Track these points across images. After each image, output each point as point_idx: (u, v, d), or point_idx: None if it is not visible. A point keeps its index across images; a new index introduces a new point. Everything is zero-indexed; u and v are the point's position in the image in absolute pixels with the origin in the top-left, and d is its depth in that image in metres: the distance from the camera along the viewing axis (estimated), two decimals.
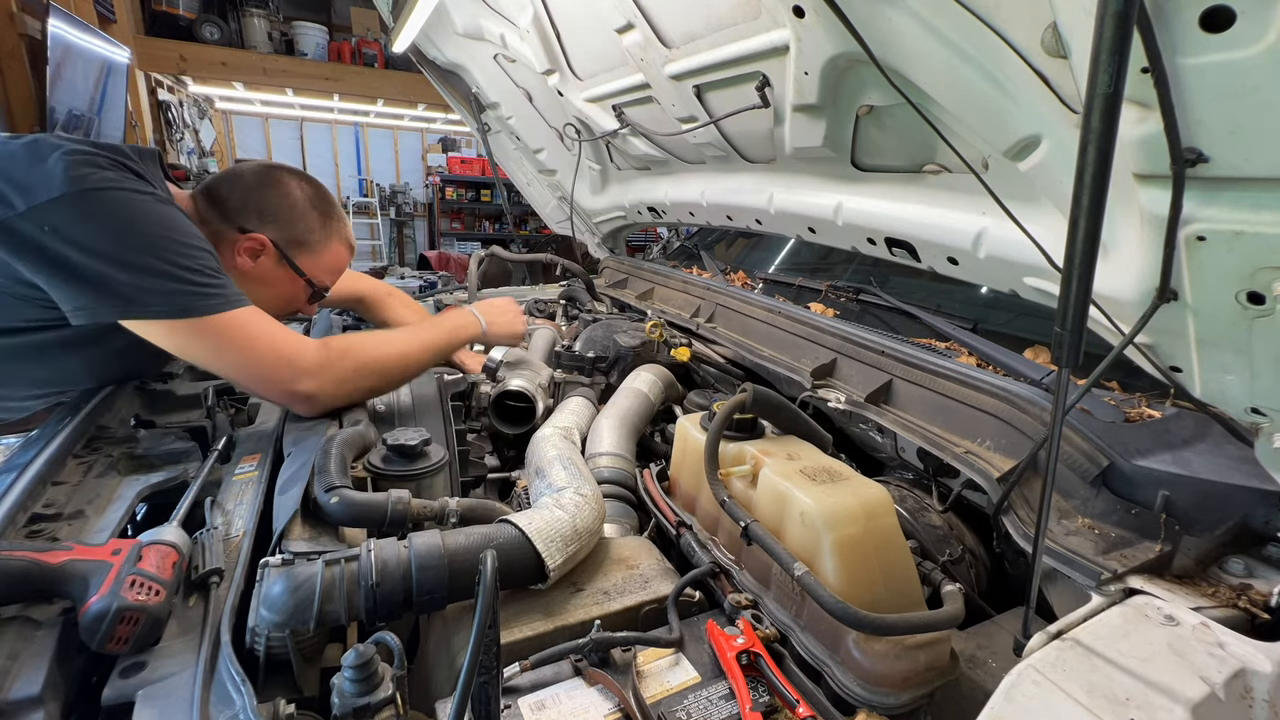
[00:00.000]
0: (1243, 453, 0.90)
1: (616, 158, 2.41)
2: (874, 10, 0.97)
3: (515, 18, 1.98)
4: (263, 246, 1.31)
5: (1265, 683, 0.66)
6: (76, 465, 1.05)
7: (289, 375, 1.15)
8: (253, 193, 1.31)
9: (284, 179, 1.35)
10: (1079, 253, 0.61)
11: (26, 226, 0.99)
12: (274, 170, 1.36)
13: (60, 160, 1.04)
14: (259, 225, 1.31)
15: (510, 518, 0.91)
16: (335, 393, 1.21)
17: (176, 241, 1.08)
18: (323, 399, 1.20)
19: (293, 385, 1.15)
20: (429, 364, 1.36)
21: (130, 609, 0.71)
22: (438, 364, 1.37)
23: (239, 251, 1.29)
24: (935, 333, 1.47)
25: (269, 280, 1.34)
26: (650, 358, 1.74)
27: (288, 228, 1.34)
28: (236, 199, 1.30)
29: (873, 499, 0.85)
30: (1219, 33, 0.56)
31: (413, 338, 1.35)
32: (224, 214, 1.29)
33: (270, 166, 1.37)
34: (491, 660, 0.57)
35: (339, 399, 1.23)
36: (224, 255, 1.25)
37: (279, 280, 1.36)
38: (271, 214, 1.32)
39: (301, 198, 1.36)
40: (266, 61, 6.29)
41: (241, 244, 1.29)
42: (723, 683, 0.78)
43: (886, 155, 1.38)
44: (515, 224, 9.17)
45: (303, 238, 1.36)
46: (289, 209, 1.34)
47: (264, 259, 1.32)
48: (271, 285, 1.35)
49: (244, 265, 1.31)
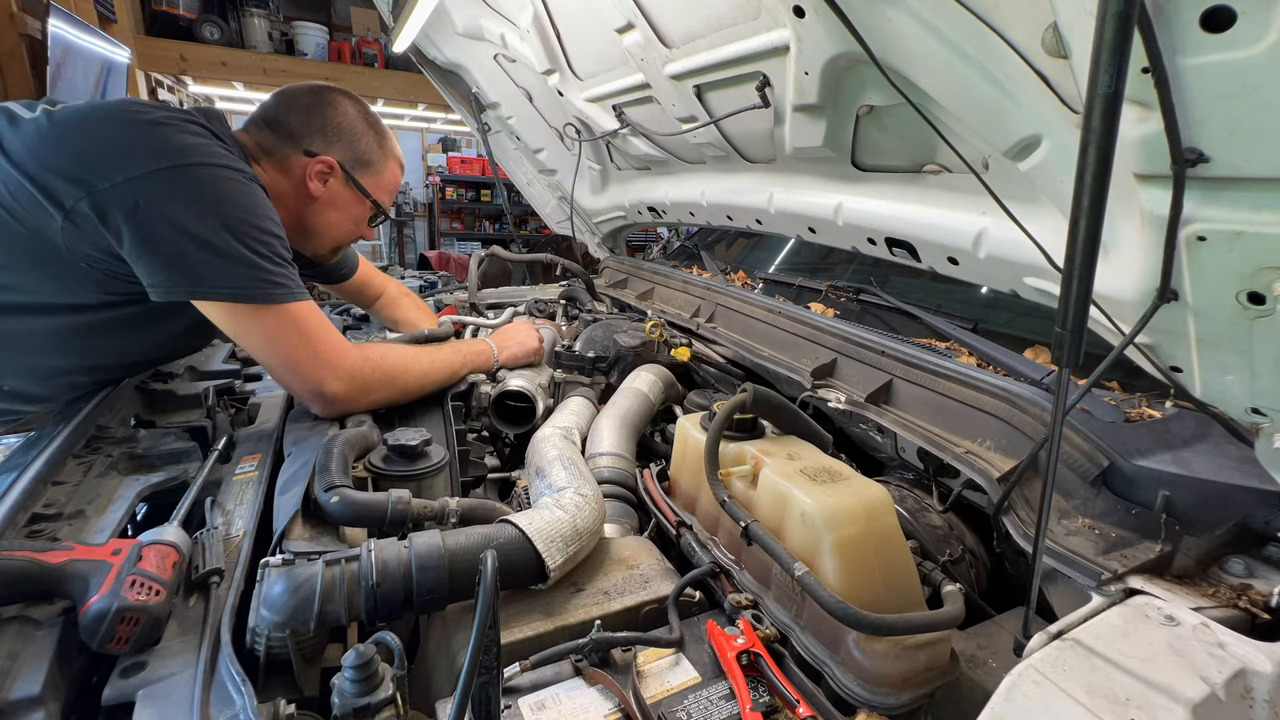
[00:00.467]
0: (1243, 453, 0.90)
1: (616, 158, 2.41)
2: (874, 10, 0.97)
3: (515, 18, 1.98)
4: (331, 169, 1.32)
5: (1265, 683, 0.66)
6: (76, 465, 1.05)
7: (324, 374, 1.17)
8: (313, 114, 1.32)
9: (337, 98, 1.36)
10: (1079, 253, 0.61)
11: (118, 199, 1.01)
12: (326, 90, 1.36)
13: (153, 131, 1.06)
14: (324, 147, 1.32)
15: (510, 518, 0.91)
16: (357, 399, 1.23)
17: (254, 226, 1.09)
18: (343, 403, 1.21)
19: (322, 384, 1.17)
20: (441, 385, 1.39)
21: (130, 609, 0.71)
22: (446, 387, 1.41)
23: (310, 176, 1.31)
24: (935, 333, 1.47)
25: (338, 203, 1.36)
26: (650, 358, 1.74)
27: (351, 148, 1.35)
28: (298, 121, 1.30)
29: (873, 499, 0.85)
30: (1219, 33, 0.56)
31: (434, 358, 1.38)
32: (289, 137, 1.30)
33: (322, 86, 1.37)
34: (492, 660, 0.57)
35: (358, 406, 1.24)
36: (293, 182, 1.30)
37: (347, 202, 1.38)
38: (335, 134, 1.33)
39: (357, 116, 1.37)
40: (267, 61, 6.29)
41: (312, 168, 1.30)
42: (723, 683, 0.78)
43: (887, 155, 1.38)
44: (515, 224, 9.16)
45: (365, 157, 1.37)
46: (349, 129, 1.35)
47: (332, 181, 1.34)
48: (340, 208, 1.38)
49: (316, 190, 1.32)
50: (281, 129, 1.30)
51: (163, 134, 1.06)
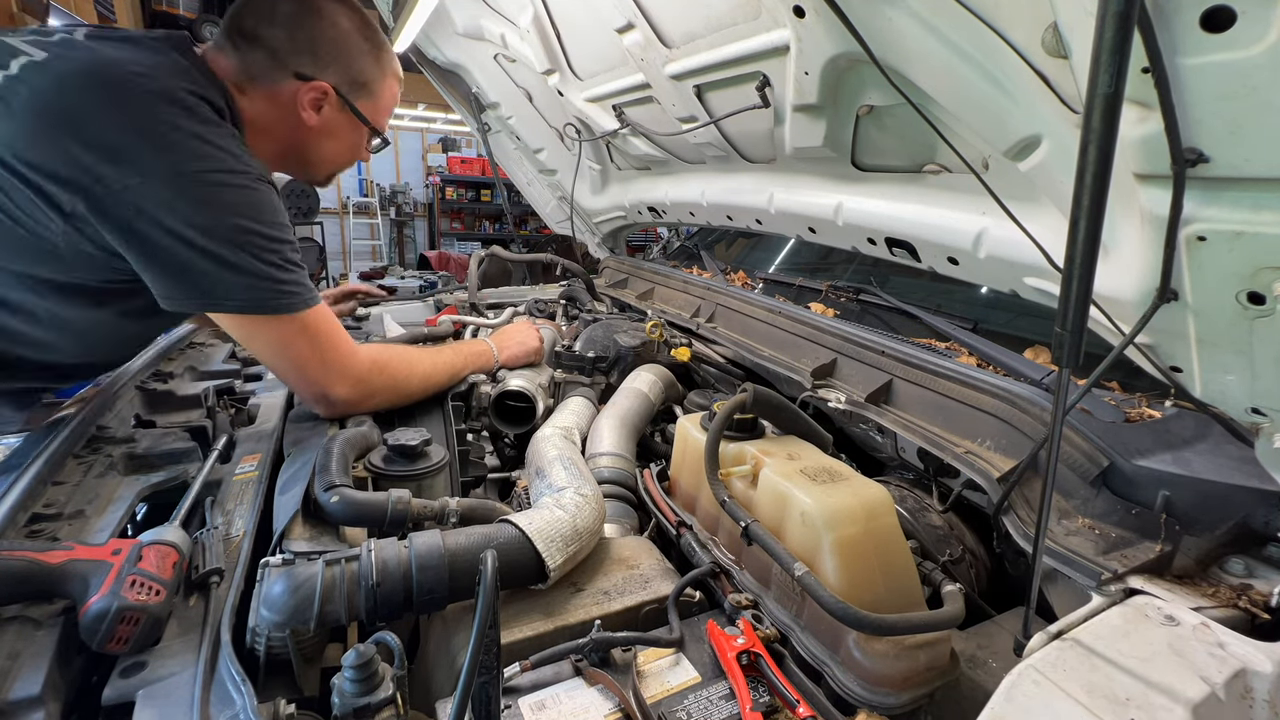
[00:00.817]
0: (1243, 453, 0.90)
1: (616, 158, 2.41)
2: (874, 10, 0.97)
3: (515, 18, 1.98)
4: (325, 95, 1.19)
5: (1265, 683, 0.66)
6: (76, 465, 1.05)
7: (331, 379, 1.16)
8: (300, 27, 1.15)
9: (324, 4, 1.18)
10: (1079, 253, 0.61)
11: (119, 205, 0.95)
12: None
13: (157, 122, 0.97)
14: (316, 69, 1.17)
15: (510, 518, 0.91)
16: (361, 402, 1.23)
17: (262, 235, 1.04)
18: (347, 406, 1.21)
19: (328, 389, 1.16)
20: (443, 387, 1.38)
21: (131, 609, 0.71)
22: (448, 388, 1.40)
23: (303, 105, 1.17)
24: (935, 333, 1.47)
25: (334, 131, 1.24)
26: (650, 358, 1.74)
27: (346, 69, 1.20)
28: (281, 36, 1.14)
29: (873, 499, 0.85)
30: (1219, 33, 0.56)
31: (436, 360, 1.37)
32: (273, 56, 1.14)
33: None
34: (492, 660, 0.57)
35: (361, 409, 1.24)
36: (283, 109, 1.17)
37: (342, 129, 1.25)
38: (327, 53, 1.17)
39: (350, 27, 1.20)
40: None
41: (304, 95, 1.17)
42: (723, 683, 0.78)
43: (887, 155, 1.38)
44: (515, 224, 9.16)
45: (361, 78, 1.23)
46: (343, 45, 1.19)
47: (327, 108, 1.21)
48: (336, 136, 1.26)
49: (310, 119, 1.19)
50: (263, 44, 1.13)
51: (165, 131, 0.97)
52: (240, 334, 1.11)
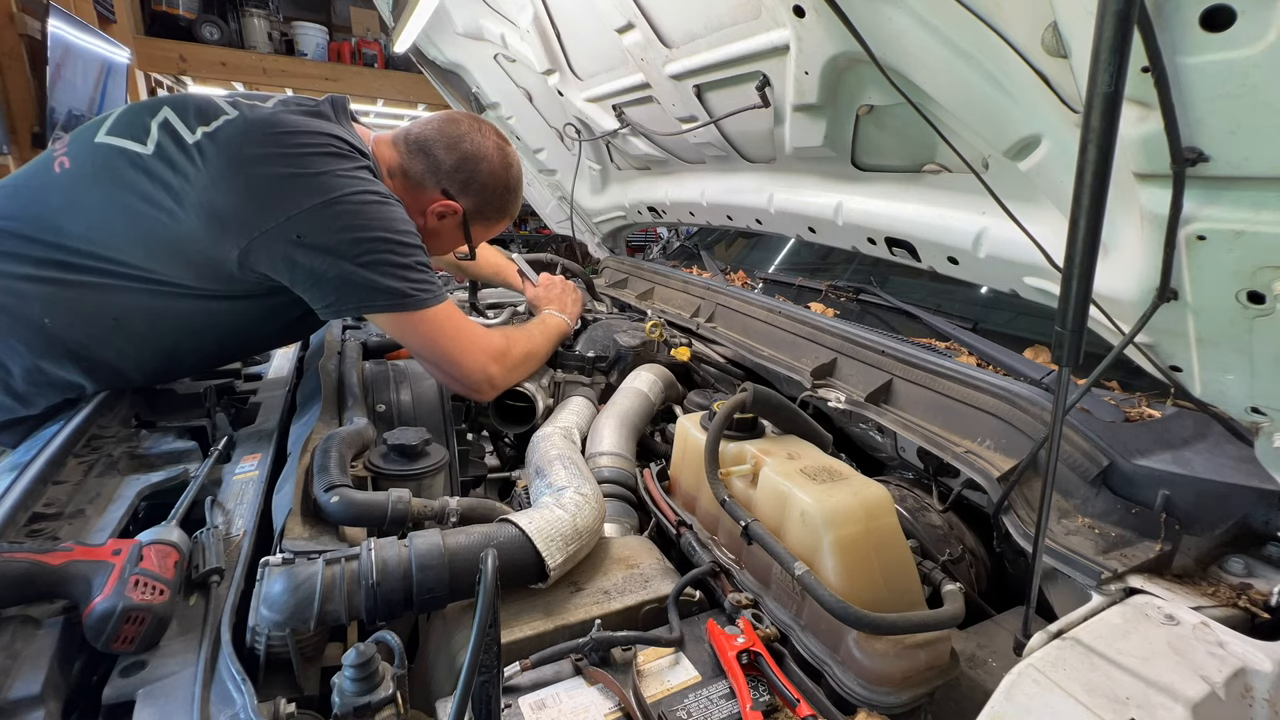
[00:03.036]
0: (1243, 452, 0.90)
1: (616, 158, 2.41)
2: (874, 10, 0.97)
3: (515, 18, 1.98)
4: (454, 214, 1.39)
5: (1265, 682, 0.66)
6: (77, 465, 1.05)
7: (482, 361, 1.30)
8: (465, 163, 1.36)
9: (492, 153, 1.39)
10: (1079, 252, 0.61)
11: (281, 235, 1.11)
12: (488, 140, 1.39)
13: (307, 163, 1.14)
14: (459, 194, 1.37)
15: (511, 517, 0.91)
16: (507, 379, 1.37)
17: (400, 243, 1.19)
18: (500, 384, 1.35)
19: (485, 369, 1.30)
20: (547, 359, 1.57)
21: (136, 609, 0.71)
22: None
23: (431, 212, 1.37)
24: (935, 332, 1.47)
25: (440, 235, 1.43)
26: (650, 357, 1.74)
27: (481, 204, 1.41)
28: (449, 163, 1.35)
29: (873, 498, 0.85)
30: (1219, 32, 0.56)
31: (540, 337, 1.54)
32: (433, 169, 1.35)
33: (489, 133, 1.40)
34: (492, 659, 0.57)
35: (508, 385, 1.39)
36: (416, 205, 1.35)
37: (449, 238, 1.45)
38: (475, 188, 1.38)
39: (504, 182, 1.42)
40: (266, 61, 6.28)
41: (438, 206, 1.36)
42: (723, 682, 0.78)
43: (886, 155, 1.38)
44: (515, 224, 9.16)
45: (486, 214, 1.44)
46: (491, 190, 1.40)
47: (448, 221, 1.40)
48: (440, 240, 1.45)
49: (430, 222, 1.38)
50: (431, 160, 1.35)
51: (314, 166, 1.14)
52: (393, 331, 1.26)
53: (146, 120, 1.17)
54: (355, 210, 1.15)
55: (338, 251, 1.13)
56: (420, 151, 1.35)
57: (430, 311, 1.22)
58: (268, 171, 1.13)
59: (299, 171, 1.14)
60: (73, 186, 1.14)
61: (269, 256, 1.13)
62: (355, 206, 1.15)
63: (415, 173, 1.35)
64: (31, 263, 1.11)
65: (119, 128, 1.18)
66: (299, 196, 1.12)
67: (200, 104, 1.20)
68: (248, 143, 1.14)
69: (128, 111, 1.22)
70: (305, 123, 1.20)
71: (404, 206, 1.28)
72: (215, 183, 1.11)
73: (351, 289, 1.16)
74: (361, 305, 1.18)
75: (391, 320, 1.22)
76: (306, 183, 1.13)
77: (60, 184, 1.15)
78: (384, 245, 1.17)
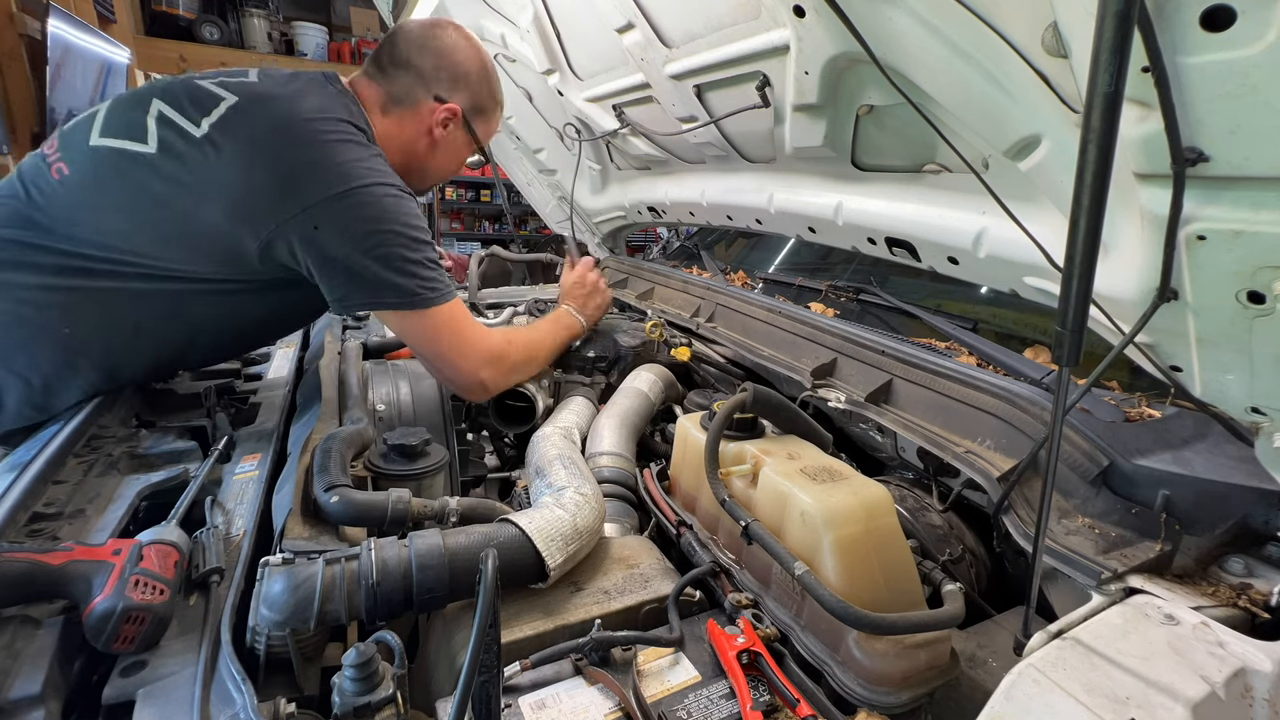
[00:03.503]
0: (1243, 452, 0.90)
1: (616, 158, 2.41)
2: (874, 10, 0.97)
3: (515, 18, 1.98)
4: (454, 116, 1.36)
5: (1265, 682, 0.66)
6: (77, 464, 1.05)
7: (476, 364, 1.29)
8: (442, 58, 1.34)
9: (459, 39, 1.38)
10: (1079, 252, 0.61)
11: (299, 226, 1.12)
12: (452, 31, 1.39)
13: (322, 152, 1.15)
14: (451, 93, 1.35)
15: (511, 517, 0.91)
16: (502, 383, 1.36)
17: (410, 239, 1.19)
18: (493, 387, 1.34)
19: (478, 373, 1.29)
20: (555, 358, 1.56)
21: (136, 608, 0.71)
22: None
23: (435, 122, 1.35)
24: (935, 332, 1.47)
25: (449, 147, 1.41)
26: (650, 357, 1.74)
27: (474, 96, 1.39)
28: (429, 63, 1.33)
29: (873, 498, 0.85)
30: (1219, 32, 0.56)
31: (547, 337, 1.53)
32: (419, 79, 1.33)
33: (446, 25, 1.39)
34: (492, 659, 0.57)
35: (503, 387, 1.37)
36: (420, 127, 1.34)
37: (456, 147, 1.43)
38: (462, 81, 1.36)
39: (480, 63, 1.40)
40: (266, 62, 6.30)
41: (439, 114, 1.34)
42: (723, 682, 0.78)
43: (887, 155, 1.38)
44: (515, 224, 9.17)
45: (481, 104, 1.42)
46: (475, 76, 1.38)
47: (451, 127, 1.38)
48: (449, 152, 1.43)
49: (438, 135, 1.36)
50: (413, 72, 1.33)
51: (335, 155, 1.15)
52: (397, 328, 1.27)
53: (141, 116, 1.15)
54: (372, 202, 1.16)
55: (352, 244, 1.14)
56: (399, 68, 1.33)
57: (434, 311, 1.22)
58: (290, 160, 1.13)
59: (320, 160, 1.14)
60: (78, 194, 1.13)
61: (289, 245, 1.13)
62: (372, 199, 1.16)
63: (404, 92, 1.33)
64: (51, 272, 1.11)
65: (113, 128, 1.16)
66: (319, 186, 1.12)
67: (191, 92, 1.18)
68: (265, 131, 1.14)
69: (117, 108, 1.19)
70: (321, 107, 1.20)
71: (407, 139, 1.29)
72: (235, 173, 1.12)
73: (361, 283, 1.16)
74: (370, 300, 1.18)
75: (396, 317, 1.23)
76: (327, 172, 1.14)
77: (64, 192, 1.13)
78: (396, 239, 1.17)
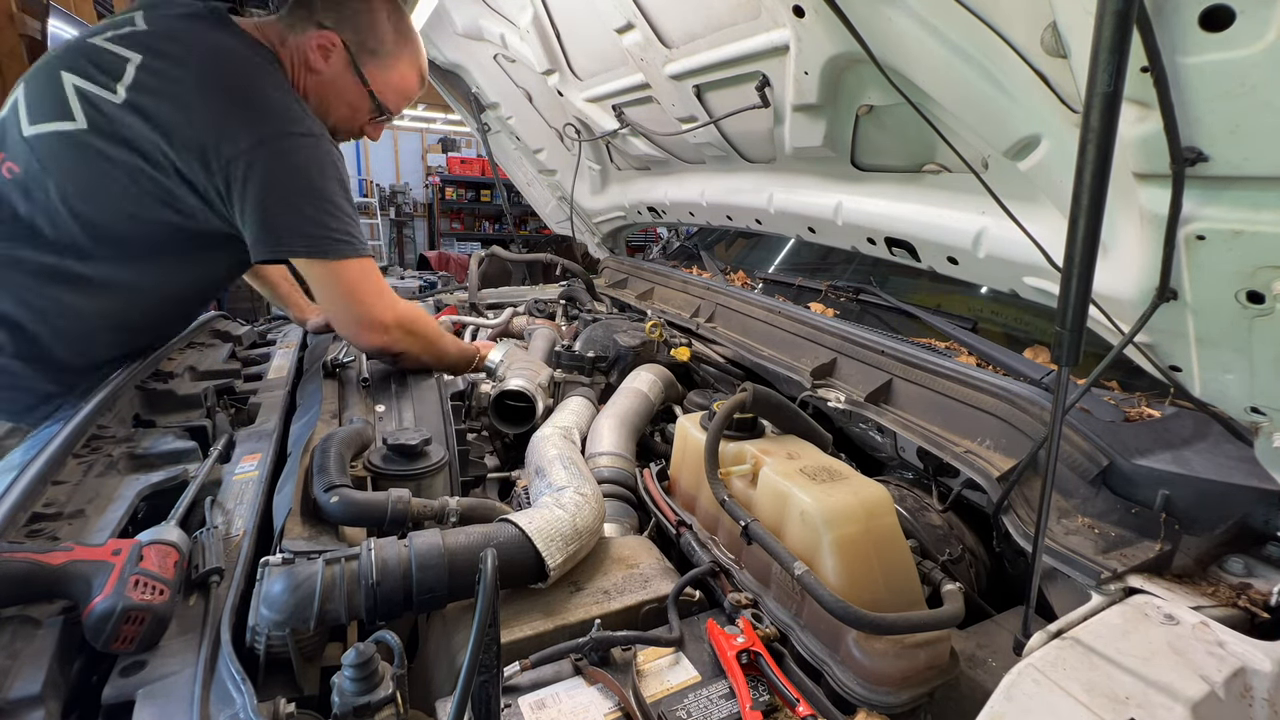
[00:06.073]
0: (1242, 452, 0.90)
1: (616, 158, 2.41)
2: (874, 10, 0.97)
3: (515, 18, 1.98)
4: (333, 46, 1.36)
5: (1265, 681, 0.66)
6: (77, 465, 1.05)
7: (377, 309, 1.33)
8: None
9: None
10: (1079, 252, 0.61)
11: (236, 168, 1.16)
12: None
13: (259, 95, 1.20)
14: (335, 24, 1.36)
15: (510, 517, 0.91)
16: (400, 340, 1.39)
17: (328, 192, 1.23)
18: (389, 337, 1.37)
19: (378, 315, 1.33)
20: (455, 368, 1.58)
21: (136, 608, 0.71)
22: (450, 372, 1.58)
23: (311, 48, 1.36)
24: (935, 332, 1.47)
25: (338, 87, 1.41)
26: (650, 357, 1.74)
27: (360, 32, 1.39)
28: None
29: (873, 498, 0.85)
30: (1218, 32, 0.56)
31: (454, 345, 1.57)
32: (309, 10, 1.36)
33: None
34: (492, 659, 0.57)
35: (399, 346, 1.40)
36: (303, 53, 1.36)
37: (347, 88, 1.42)
38: (350, 15, 1.37)
39: (380, 7, 1.41)
40: None
41: (314, 39, 1.35)
42: (723, 682, 0.78)
43: (886, 155, 1.38)
44: (515, 224, 9.16)
45: (373, 46, 1.41)
46: (366, 14, 1.39)
47: (334, 60, 1.37)
48: (340, 93, 1.42)
49: (315, 63, 1.37)
50: (307, 5, 1.36)
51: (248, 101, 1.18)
52: (307, 275, 1.29)
53: (59, 92, 1.17)
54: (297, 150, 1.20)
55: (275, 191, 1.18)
56: (298, 3, 1.37)
57: (344, 263, 1.26)
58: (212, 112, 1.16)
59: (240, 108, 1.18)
60: (33, 187, 1.16)
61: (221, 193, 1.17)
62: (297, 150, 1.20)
63: (295, 21, 1.35)
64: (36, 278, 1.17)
65: (38, 112, 1.18)
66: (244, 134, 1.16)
67: (91, 56, 1.19)
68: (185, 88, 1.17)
69: (33, 91, 1.21)
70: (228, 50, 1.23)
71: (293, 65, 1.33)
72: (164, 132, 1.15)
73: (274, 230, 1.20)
74: (278, 249, 1.22)
75: (304, 265, 1.26)
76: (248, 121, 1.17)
77: (19, 192, 1.17)
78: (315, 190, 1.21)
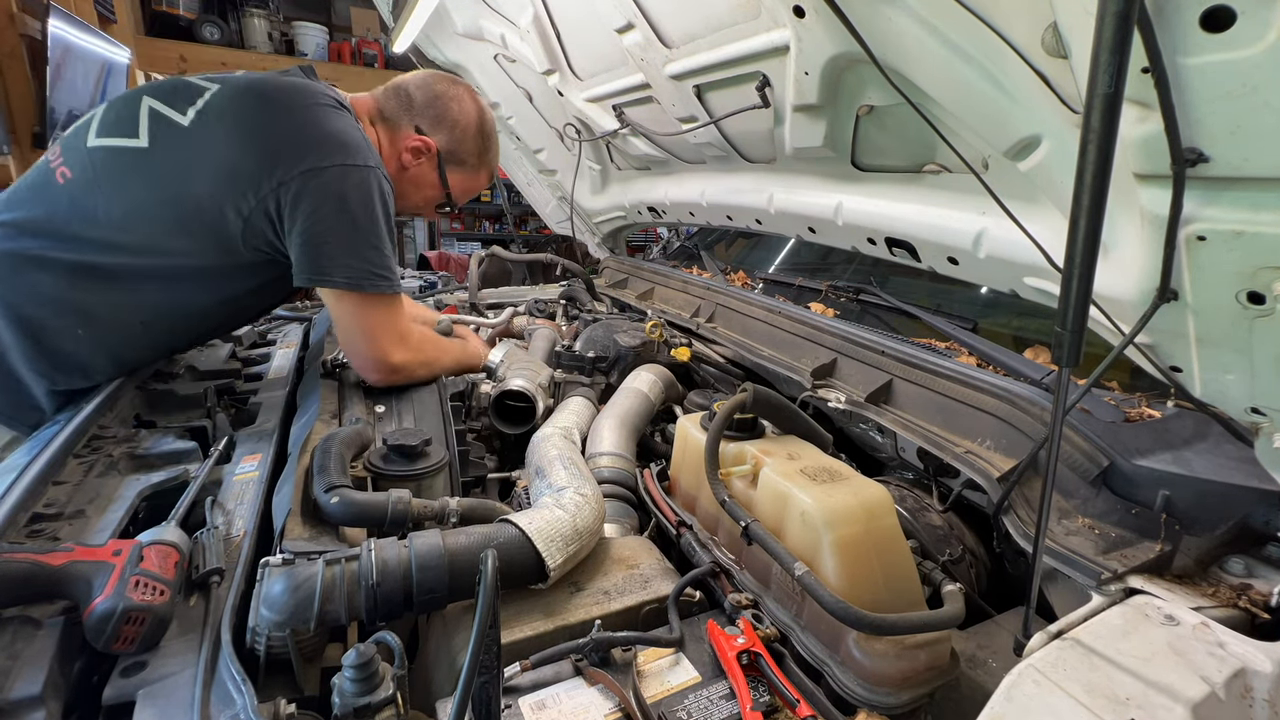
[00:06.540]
0: (1243, 453, 0.90)
1: (616, 158, 2.41)
2: (874, 10, 0.97)
3: (515, 18, 1.98)
4: (428, 150, 1.47)
5: (1265, 682, 0.66)
6: (77, 465, 1.05)
7: (393, 354, 1.34)
8: (438, 101, 1.48)
9: (465, 96, 1.52)
10: (1079, 253, 0.61)
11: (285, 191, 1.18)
12: (459, 85, 1.53)
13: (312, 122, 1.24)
14: (431, 130, 1.47)
15: (511, 517, 0.91)
16: (405, 377, 1.40)
17: (375, 226, 1.27)
18: (400, 374, 1.38)
19: (392, 358, 1.34)
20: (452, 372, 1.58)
21: (136, 609, 0.71)
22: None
23: (407, 148, 1.46)
24: (935, 333, 1.47)
25: (419, 180, 1.51)
26: (650, 358, 1.73)
27: (455, 144, 1.50)
28: (423, 101, 1.47)
29: (873, 499, 0.85)
30: (1219, 32, 0.56)
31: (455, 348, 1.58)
32: (406, 106, 1.46)
33: (456, 80, 1.53)
34: (492, 660, 0.57)
35: (402, 380, 1.40)
36: (395, 147, 1.46)
37: (426, 184, 1.53)
38: (447, 125, 1.48)
39: (476, 123, 1.52)
40: (266, 62, 6.28)
41: (411, 141, 1.46)
42: (723, 682, 0.78)
43: (886, 155, 1.38)
44: (515, 224, 9.15)
45: (461, 155, 1.52)
46: (463, 129, 1.50)
47: (424, 161, 1.49)
48: (419, 186, 1.53)
49: (406, 160, 1.47)
50: (403, 98, 1.46)
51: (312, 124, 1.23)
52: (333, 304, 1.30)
53: (133, 114, 1.22)
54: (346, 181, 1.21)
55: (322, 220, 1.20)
56: (395, 94, 1.47)
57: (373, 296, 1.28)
58: (271, 133, 1.20)
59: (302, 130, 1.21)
60: (80, 195, 1.18)
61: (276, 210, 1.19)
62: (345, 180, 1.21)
63: (390, 111, 1.45)
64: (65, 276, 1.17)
65: (108, 127, 1.22)
66: (299, 158, 1.18)
67: (178, 86, 1.26)
68: (249, 110, 1.21)
69: (112, 109, 1.25)
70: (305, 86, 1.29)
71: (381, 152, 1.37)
72: (219, 153, 1.18)
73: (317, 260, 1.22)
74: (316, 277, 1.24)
75: (334, 297, 1.28)
76: (308, 144, 1.20)
77: (67, 196, 1.19)
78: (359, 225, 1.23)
